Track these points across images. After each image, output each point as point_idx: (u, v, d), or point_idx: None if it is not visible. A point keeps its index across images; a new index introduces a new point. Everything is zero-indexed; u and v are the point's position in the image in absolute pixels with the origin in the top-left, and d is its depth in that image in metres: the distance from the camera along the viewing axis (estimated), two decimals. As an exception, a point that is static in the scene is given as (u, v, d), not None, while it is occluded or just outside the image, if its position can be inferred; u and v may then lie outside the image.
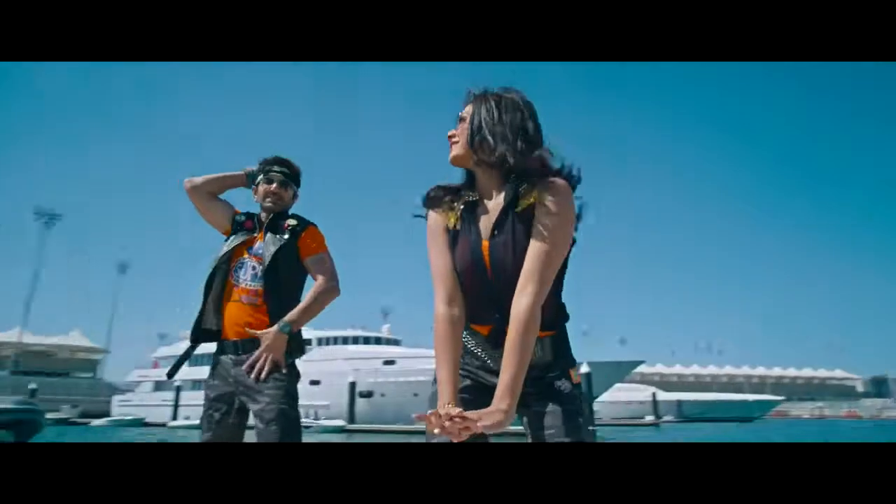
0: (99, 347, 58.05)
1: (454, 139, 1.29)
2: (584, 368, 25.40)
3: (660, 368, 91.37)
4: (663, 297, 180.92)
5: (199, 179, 2.02)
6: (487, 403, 1.14)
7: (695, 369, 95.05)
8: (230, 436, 1.84)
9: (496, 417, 1.08)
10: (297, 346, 1.90)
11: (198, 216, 2.06)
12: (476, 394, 1.26)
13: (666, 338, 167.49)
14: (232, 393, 1.84)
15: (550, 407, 1.21)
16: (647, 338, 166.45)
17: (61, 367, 57.12)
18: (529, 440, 1.24)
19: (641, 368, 78.97)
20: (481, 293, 1.23)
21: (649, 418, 41.90)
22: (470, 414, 1.07)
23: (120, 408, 41.30)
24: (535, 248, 1.16)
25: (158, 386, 38.98)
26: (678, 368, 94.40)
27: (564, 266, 1.25)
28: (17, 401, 6.44)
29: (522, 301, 1.13)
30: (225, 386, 1.85)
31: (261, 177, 2.03)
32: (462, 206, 1.28)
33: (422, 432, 1.20)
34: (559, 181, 1.19)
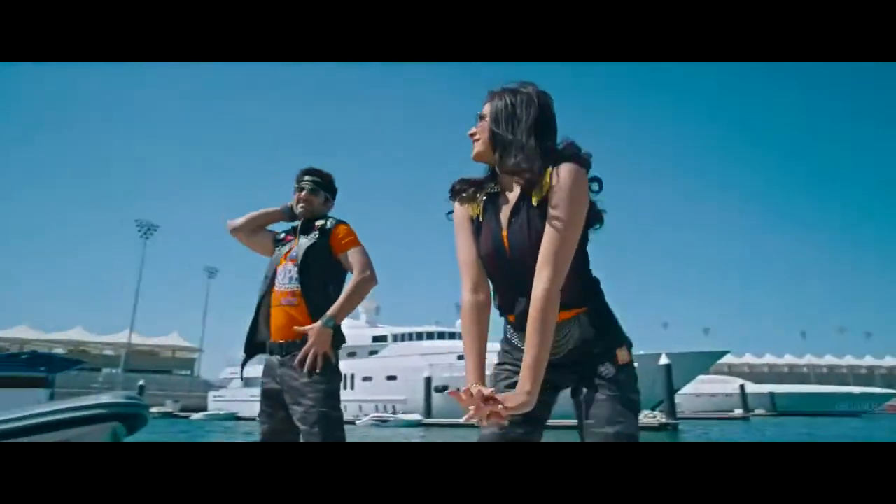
0: (195, 347, 62.78)
1: (475, 137, 1.34)
2: (662, 360, 24.35)
3: (749, 359, 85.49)
4: (751, 285, 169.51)
5: (239, 221, 2.21)
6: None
7: (789, 359, 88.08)
8: (283, 428, 1.99)
9: (520, 399, 1.13)
10: (337, 340, 2.01)
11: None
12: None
13: (755, 327, 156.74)
14: (280, 391, 1.98)
15: (593, 395, 1.23)
16: (734, 327, 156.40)
17: (164, 365, 62.49)
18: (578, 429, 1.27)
19: (728, 359, 74.53)
20: (505, 279, 1.30)
21: (738, 411, 39.54)
22: (495, 396, 1.12)
23: (215, 403, 44.48)
24: (548, 233, 1.20)
25: (247, 383, 41.63)
26: (769, 358, 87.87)
27: (585, 243, 1.29)
28: (127, 395, 7.13)
29: (539, 285, 1.17)
30: (273, 384, 2.01)
31: (295, 186, 2.21)
32: (484, 198, 1.35)
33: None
34: (568, 164, 1.22)
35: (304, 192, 2.18)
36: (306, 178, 2.21)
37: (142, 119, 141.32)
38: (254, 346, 2.11)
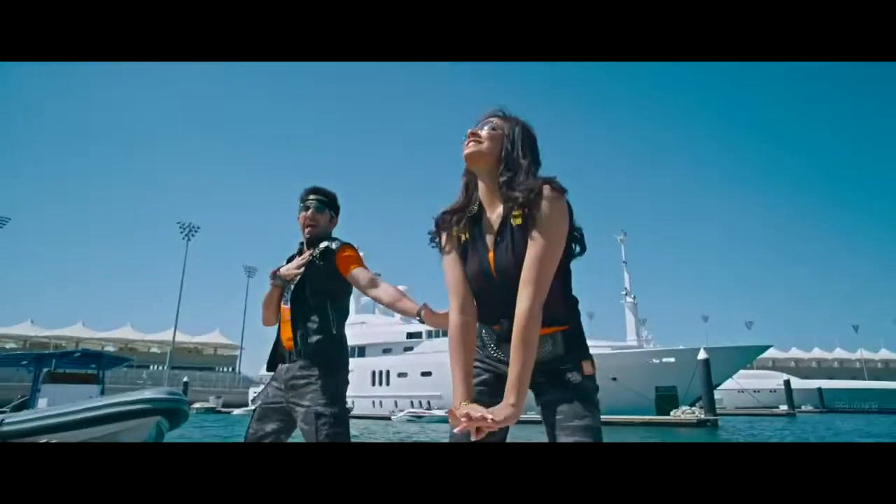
0: (236, 344, 64.52)
1: (479, 139, 1.37)
2: (701, 355, 23.79)
3: (795, 353, 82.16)
4: (798, 276, 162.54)
5: (265, 318, 2.26)
6: (504, 390, 1.27)
7: (839, 354, 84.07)
8: (271, 433, 2.07)
9: (506, 412, 1.20)
10: (343, 361, 2.11)
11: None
12: (495, 382, 1.40)
13: (803, 320, 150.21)
14: (282, 406, 2.08)
15: (562, 395, 1.32)
16: (780, 320, 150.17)
17: (207, 362, 64.64)
18: (543, 426, 1.35)
19: (773, 353, 71.88)
20: (491, 297, 1.37)
21: (783, 408, 38.21)
22: (483, 412, 1.19)
23: (255, 398, 45.62)
24: (530, 255, 1.27)
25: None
26: (818, 353, 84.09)
27: (568, 265, 1.37)
28: (169, 391, 7.48)
29: (522, 305, 1.25)
30: (278, 394, 2.10)
31: (300, 205, 2.25)
32: (467, 222, 1.41)
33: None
34: (551, 192, 1.28)
35: (309, 212, 2.22)
36: (311, 197, 2.25)
37: (184, 121, 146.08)
38: (274, 364, 2.20)
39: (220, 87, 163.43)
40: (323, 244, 2.19)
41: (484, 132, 1.38)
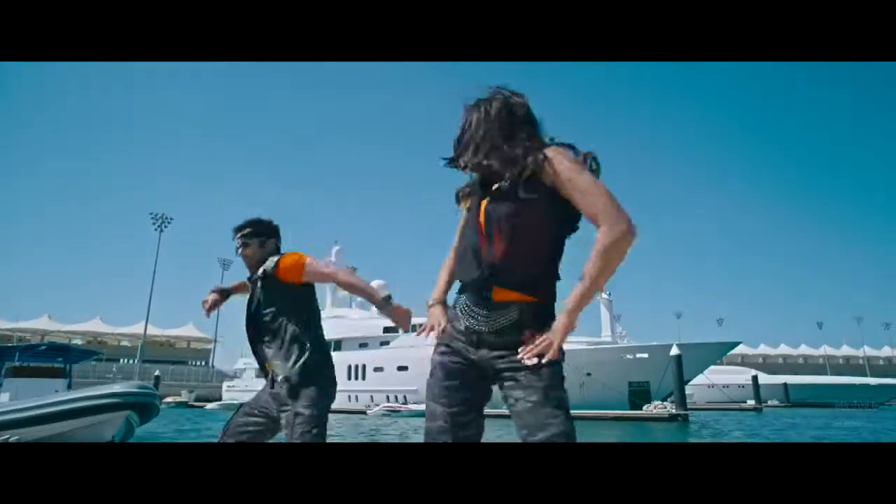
0: (209, 338, 63.47)
1: (456, 165, 1.42)
2: (673, 351, 24.26)
3: (763, 349, 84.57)
4: (767, 275, 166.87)
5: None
6: (473, 380, 1.33)
7: (804, 350, 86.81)
8: (257, 430, 2.13)
9: (561, 321, 1.26)
10: (326, 375, 2.19)
11: (295, 217, 2.36)
12: (468, 371, 1.36)
13: (771, 318, 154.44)
14: (274, 409, 2.12)
15: (521, 398, 1.27)
16: (749, 318, 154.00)
17: (180, 355, 63.51)
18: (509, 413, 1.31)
19: (742, 350, 73.77)
20: (470, 245, 1.36)
21: (751, 402, 39.28)
22: (547, 336, 1.25)
23: (228, 392, 45.00)
24: (577, 202, 1.25)
25: (260, 373, 42.17)
26: (784, 349, 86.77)
27: (562, 241, 1.35)
28: (139, 385, 7.33)
29: (600, 235, 1.23)
30: (270, 399, 2.14)
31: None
32: (473, 189, 1.43)
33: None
34: (549, 149, 1.29)
35: (239, 251, 2.29)
36: (236, 238, 2.30)
37: (158, 113, 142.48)
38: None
39: (198, 81, 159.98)
40: (260, 271, 2.23)
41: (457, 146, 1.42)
